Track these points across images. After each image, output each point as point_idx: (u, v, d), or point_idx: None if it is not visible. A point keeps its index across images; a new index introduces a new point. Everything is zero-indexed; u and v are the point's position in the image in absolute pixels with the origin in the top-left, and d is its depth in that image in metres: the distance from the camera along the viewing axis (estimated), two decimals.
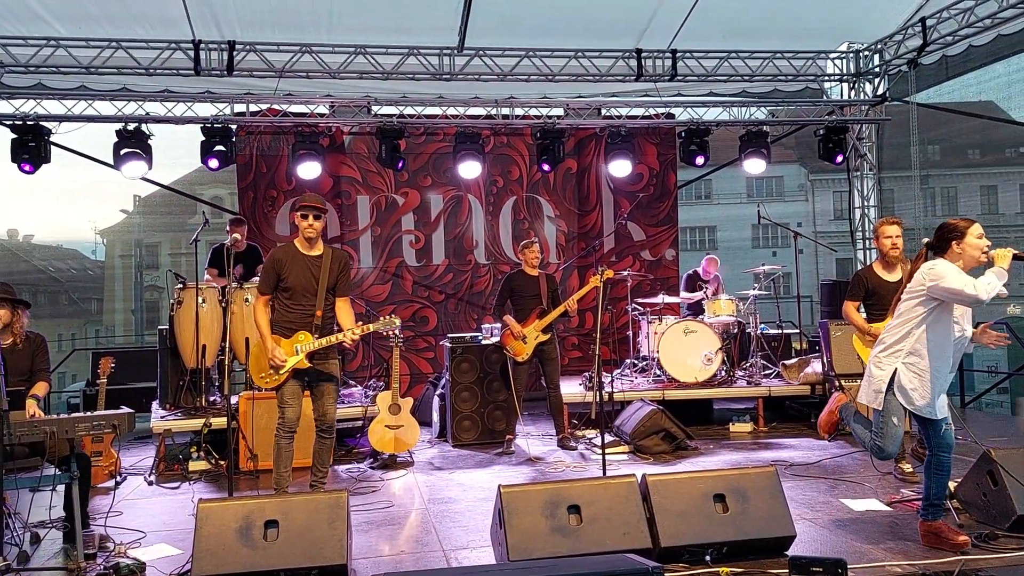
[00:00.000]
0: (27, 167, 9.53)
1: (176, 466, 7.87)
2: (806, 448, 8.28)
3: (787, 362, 9.83)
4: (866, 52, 11.55)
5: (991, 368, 21.70)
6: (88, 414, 5.19)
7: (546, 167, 10.88)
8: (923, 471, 5.30)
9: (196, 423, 7.97)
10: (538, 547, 4.69)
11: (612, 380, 8.97)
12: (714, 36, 10.57)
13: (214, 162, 10.09)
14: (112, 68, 9.79)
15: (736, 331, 10.22)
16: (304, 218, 6.23)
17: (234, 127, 10.29)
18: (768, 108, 12.07)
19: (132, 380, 9.83)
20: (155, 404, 8.93)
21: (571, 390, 9.35)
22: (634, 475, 5.20)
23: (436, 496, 6.87)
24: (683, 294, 10.90)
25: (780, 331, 10.73)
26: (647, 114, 11.56)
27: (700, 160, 11.00)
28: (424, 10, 9.68)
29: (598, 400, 7.41)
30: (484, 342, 9.14)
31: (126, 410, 5.25)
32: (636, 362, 10.20)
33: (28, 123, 9.56)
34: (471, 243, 11.73)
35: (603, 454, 6.80)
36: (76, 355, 14.42)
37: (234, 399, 7.89)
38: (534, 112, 11.12)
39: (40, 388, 5.86)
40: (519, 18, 9.92)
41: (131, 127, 9.77)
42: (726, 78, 11.22)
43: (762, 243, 35.88)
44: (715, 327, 9.63)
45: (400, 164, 10.64)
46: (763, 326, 10.53)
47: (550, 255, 11.82)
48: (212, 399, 8.65)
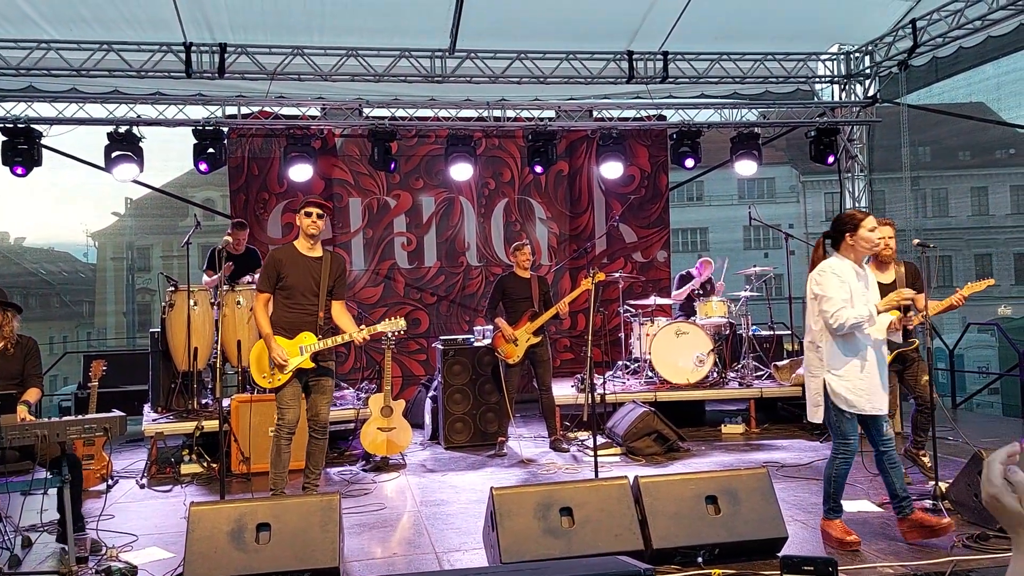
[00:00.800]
0: (19, 170, 9.50)
1: (168, 469, 7.86)
2: (798, 449, 8.30)
3: (779, 363, 9.86)
4: (857, 54, 11.57)
5: (982, 369, 21.77)
6: (80, 417, 5.19)
7: (539, 169, 10.88)
8: (878, 471, 5.40)
9: (188, 426, 7.97)
10: (530, 549, 4.70)
11: (604, 382, 8.99)
12: (705, 38, 10.59)
13: (204, 165, 10.07)
14: (103, 71, 9.76)
15: (728, 333, 10.24)
16: (308, 215, 6.30)
17: (225, 130, 10.26)
18: (759, 110, 12.10)
19: (124, 383, 9.81)
20: (147, 407, 8.91)
21: (563, 392, 9.37)
22: (626, 477, 5.21)
23: (428, 498, 6.87)
24: (675, 292, 10.86)
25: (772, 332, 10.76)
26: (639, 116, 11.56)
27: (690, 163, 11.01)
28: (416, 12, 9.67)
29: (590, 402, 7.40)
30: (476, 344, 9.14)
31: (118, 413, 5.25)
32: (628, 364, 10.21)
33: (19, 126, 9.53)
34: (463, 245, 11.72)
35: (595, 456, 6.82)
36: (67, 358, 14.37)
37: (226, 402, 7.89)
38: (526, 114, 11.12)
39: (32, 394, 5.80)
40: (511, 20, 9.92)
41: (122, 130, 9.74)
42: (717, 80, 11.24)
43: (754, 245, 35.88)
44: (707, 329, 9.65)
45: (392, 166, 10.62)
46: (755, 327, 10.55)
47: (542, 257, 11.82)
48: (204, 402, 8.64)
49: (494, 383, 8.76)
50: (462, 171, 10.60)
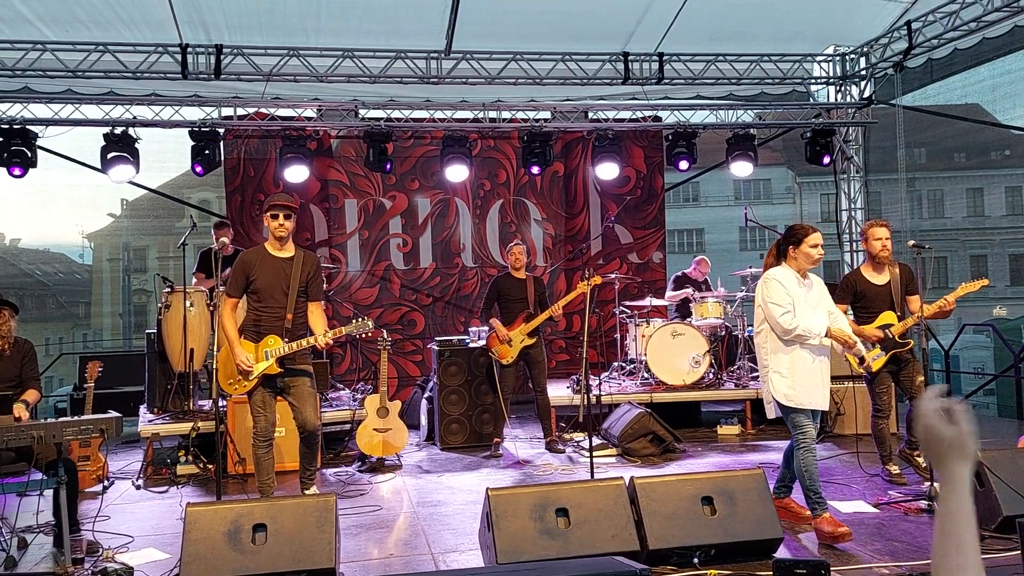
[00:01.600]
0: (15, 171, 9.49)
1: (164, 470, 7.86)
2: None
3: None
4: (852, 55, 11.60)
5: (977, 370, 21.78)
6: (76, 418, 5.18)
7: (535, 170, 10.88)
8: (783, 458, 5.86)
9: (184, 427, 7.96)
10: (526, 550, 4.70)
11: (600, 383, 8.99)
12: (701, 39, 10.61)
13: (200, 167, 10.05)
14: (99, 72, 9.76)
15: (723, 334, 10.24)
16: (274, 218, 6.10)
17: (221, 131, 10.27)
18: (755, 111, 12.13)
19: (120, 384, 9.81)
20: (143, 408, 8.91)
21: (559, 393, 9.37)
22: (622, 478, 5.22)
23: (424, 499, 6.87)
24: (669, 293, 10.85)
25: None
26: (634, 117, 11.57)
27: (684, 164, 11.03)
28: (411, 14, 9.68)
29: (586, 403, 7.42)
30: (472, 345, 9.14)
31: (114, 414, 5.24)
32: (624, 365, 10.21)
33: (15, 127, 9.53)
34: (458, 246, 11.73)
35: (591, 457, 6.82)
36: (64, 359, 14.37)
37: (222, 403, 7.87)
38: (521, 115, 11.13)
39: (31, 395, 5.78)
40: (506, 22, 9.93)
41: (118, 131, 9.75)
42: (713, 81, 11.26)
43: (749, 246, 35.88)
44: (702, 330, 9.66)
45: (388, 167, 10.63)
46: (750, 329, 10.54)
47: (537, 258, 11.83)
48: (200, 403, 8.63)
49: (489, 384, 8.76)
50: (458, 172, 10.61)
